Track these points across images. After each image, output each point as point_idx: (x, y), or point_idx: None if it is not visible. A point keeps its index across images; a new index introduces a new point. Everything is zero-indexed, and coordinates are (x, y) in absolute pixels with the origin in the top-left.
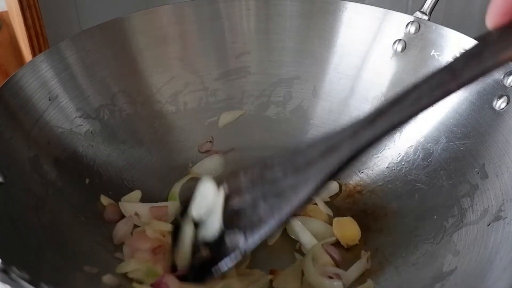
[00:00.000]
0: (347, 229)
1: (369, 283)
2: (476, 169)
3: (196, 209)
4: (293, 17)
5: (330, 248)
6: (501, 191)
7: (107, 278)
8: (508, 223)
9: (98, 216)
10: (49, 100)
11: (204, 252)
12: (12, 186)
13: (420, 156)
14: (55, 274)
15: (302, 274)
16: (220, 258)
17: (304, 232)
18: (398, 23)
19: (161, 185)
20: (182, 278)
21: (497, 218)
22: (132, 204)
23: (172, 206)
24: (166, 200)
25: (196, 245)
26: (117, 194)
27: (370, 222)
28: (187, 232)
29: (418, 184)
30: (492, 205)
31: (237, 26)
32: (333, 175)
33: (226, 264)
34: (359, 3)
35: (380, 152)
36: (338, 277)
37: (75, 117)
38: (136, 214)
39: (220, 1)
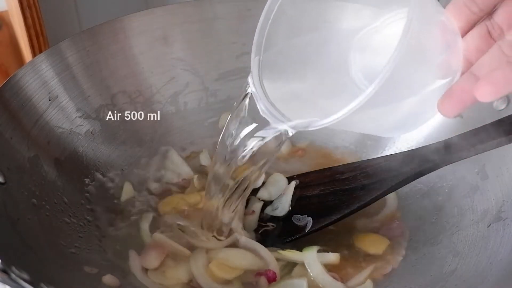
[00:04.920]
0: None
1: (368, 283)
2: (476, 170)
3: (265, 192)
4: None
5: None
6: (502, 192)
7: (107, 278)
8: (508, 224)
9: (98, 216)
10: (49, 100)
11: (270, 225)
12: (12, 186)
13: None
14: (55, 274)
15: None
16: (285, 232)
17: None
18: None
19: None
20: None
21: (497, 219)
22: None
23: None
24: None
25: (262, 218)
26: (118, 194)
27: None
28: (256, 205)
29: (418, 185)
30: (492, 206)
31: (237, 26)
32: (402, 185)
33: (289, 237)
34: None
35: (380, 153)
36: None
37: (75, 117)
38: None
39: (220, 1)
